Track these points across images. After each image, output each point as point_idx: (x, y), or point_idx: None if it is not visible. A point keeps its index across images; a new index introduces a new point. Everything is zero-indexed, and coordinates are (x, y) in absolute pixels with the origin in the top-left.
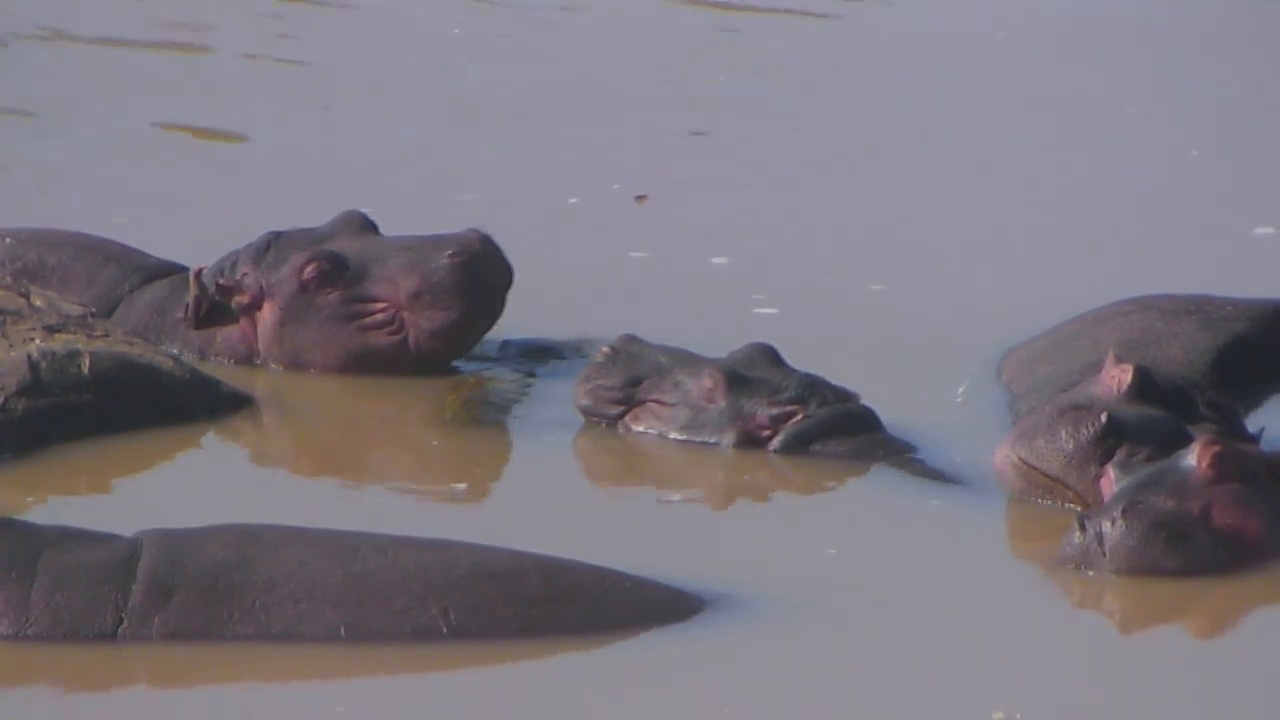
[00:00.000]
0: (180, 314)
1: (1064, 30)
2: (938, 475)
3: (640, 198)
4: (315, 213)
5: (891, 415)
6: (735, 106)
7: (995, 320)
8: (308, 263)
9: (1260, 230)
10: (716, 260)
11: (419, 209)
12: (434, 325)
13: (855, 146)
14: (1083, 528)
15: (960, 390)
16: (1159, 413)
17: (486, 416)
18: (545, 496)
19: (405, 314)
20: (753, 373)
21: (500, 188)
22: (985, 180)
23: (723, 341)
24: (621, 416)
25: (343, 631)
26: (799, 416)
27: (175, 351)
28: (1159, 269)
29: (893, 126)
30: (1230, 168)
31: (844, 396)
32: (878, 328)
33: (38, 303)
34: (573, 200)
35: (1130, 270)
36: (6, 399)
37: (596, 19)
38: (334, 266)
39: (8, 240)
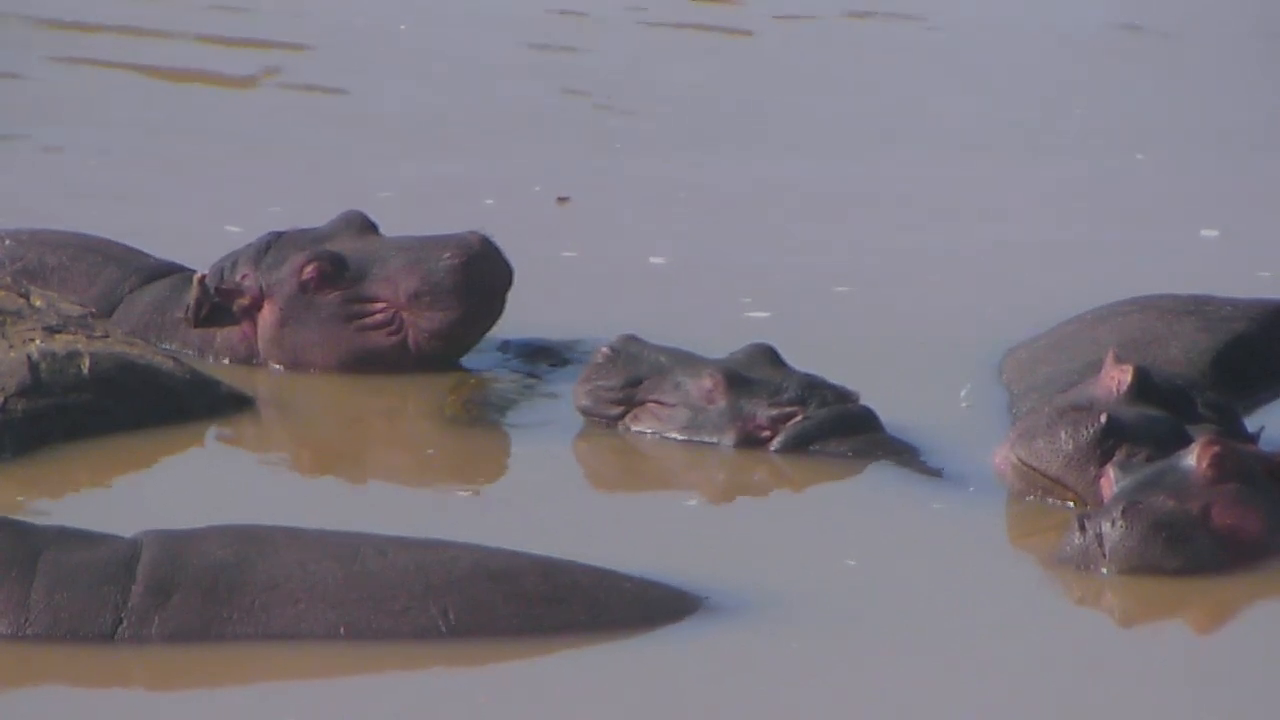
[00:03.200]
0: (180, 314)
1: (1017, 32)
2: (938, 475)
3: (562, 199)
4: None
5: (891, 417)
6: (674, 105)
7: (993, 321)
8: (307, 263)
9: (1206, 232)
10: (654, 260)
11: (336, 207)
12: (434, 326)
13: (801, 145)
14: (1083, 528)
15: (963, 394)
16: (1158, 413)
17: (486, 417)
18: (545, 497)
19: (405, 314)
20: (752, 373)
21: (417, 187)
22: (929, 182)
23: (715, 346)
24: (621, 417)
25: (343, 631)
26: (799, 417)
27: (175, 351)
28: (1108, 270)
29: (829, 128)
30: (1176, 171)
31: (844, 397)
32: (870, 330)
33: (38, 303)
34: (489, 201)
35: (1080, 271)
36: (6, 399)
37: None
38: (334, 267)
39: (8, 241)
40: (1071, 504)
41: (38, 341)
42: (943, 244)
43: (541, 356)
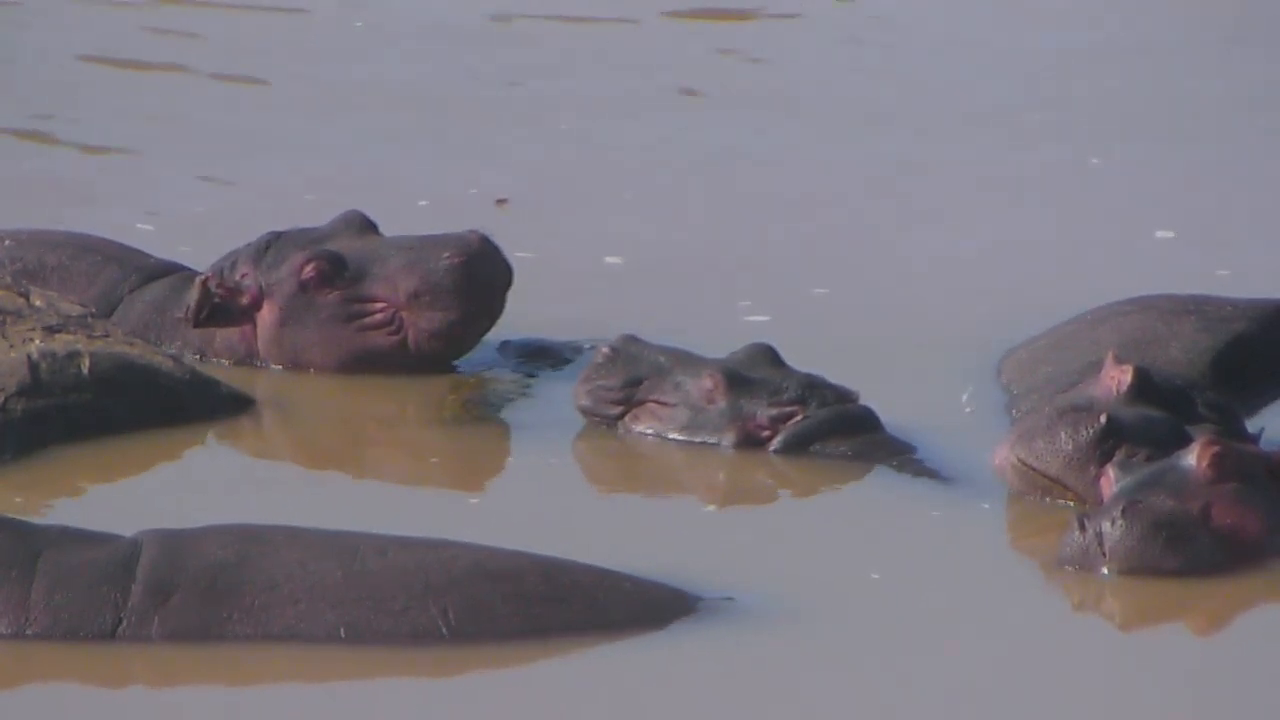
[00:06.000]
0: (180, 314)
1: (971, 32)
2: (938, 475)
3: (501, 201)
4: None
5: (891, 417)
6: (611, 104)
7: (990, 322)
8: (307, 262)
9: (1161, 234)
10: (610, 260)
11: (264, 205)
12: (433, 326)
13: (737, 145)
14: (1083, 527)
15: (965, 397)
16: (1158, 413)
17: (486, 417)
18: (545, 497)
19: (404, 314)
20: (753, 373)
21: (348, 187)
22: (878, 186)
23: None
24: (621, 417)
25: (342, 632)
26: (799, 417)
27: (175, 351)
28: (1065, 272)
29: (778, 127)
30: (1130, 174)
31: (844, 396)
32: (867, 331)
33: (38, 303)
34: (423, 203)
35: (1037, 274)
36: (6, 399)
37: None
38: (333, 266)
39: (7, 241)
40: (1071, 504)
41: (38, 341)
42: (917, 245)
43: (541, 356)
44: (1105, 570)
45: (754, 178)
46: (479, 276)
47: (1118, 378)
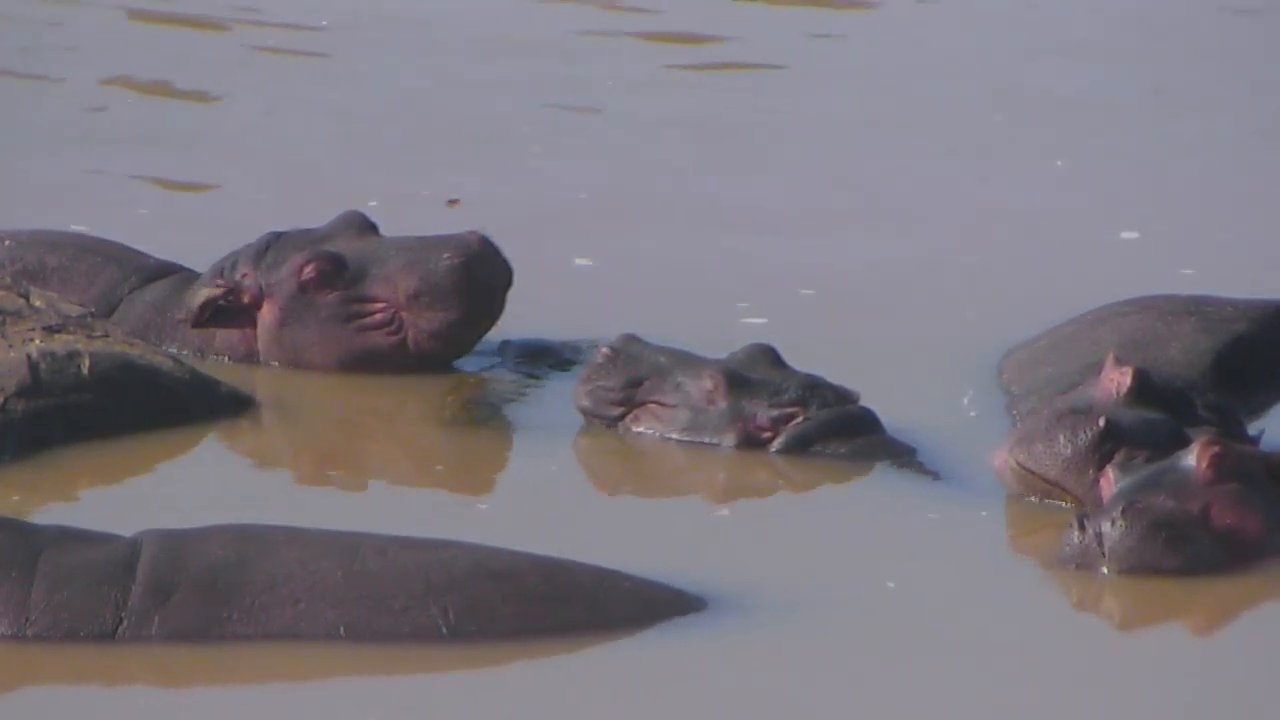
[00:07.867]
0: (180, 315)
1: (937, 36)
2: (938, 477)
3: (452, 201)
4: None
5: (891, 418)
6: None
7: (985, 324)
8: (307, 263)
9: (1126, 235)
10: (580, 261)
11: (219, 207)
12: (433, 326)
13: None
14: (1082, 528)
15: (966, 400)
16: (1158, 415)
17: (486, 417)
18: (545, 497)
19: (404, 314)
20: (753, 374)
21: (300, 185)
22: (849, 189)
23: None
24: (622, 417)
25: (342, 631)
26: (800, 418)
27: (175, 351)
28: (1033, 274)
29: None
30: (1095, 176)
31: (845, 397)
32: (865, 333)
33: (37, 303)
34: (373, 203)
35: (1006, 275)
36: (6, 400)
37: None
38: (333, 267)
39: (8, 242)
40: (1072, 506)
41: (38, 341)
42: (911, 246)
43: (541, 357)
44: (1105, 570)
45: (746, 181)
46: (479, 277)
47: (1117, 379)
